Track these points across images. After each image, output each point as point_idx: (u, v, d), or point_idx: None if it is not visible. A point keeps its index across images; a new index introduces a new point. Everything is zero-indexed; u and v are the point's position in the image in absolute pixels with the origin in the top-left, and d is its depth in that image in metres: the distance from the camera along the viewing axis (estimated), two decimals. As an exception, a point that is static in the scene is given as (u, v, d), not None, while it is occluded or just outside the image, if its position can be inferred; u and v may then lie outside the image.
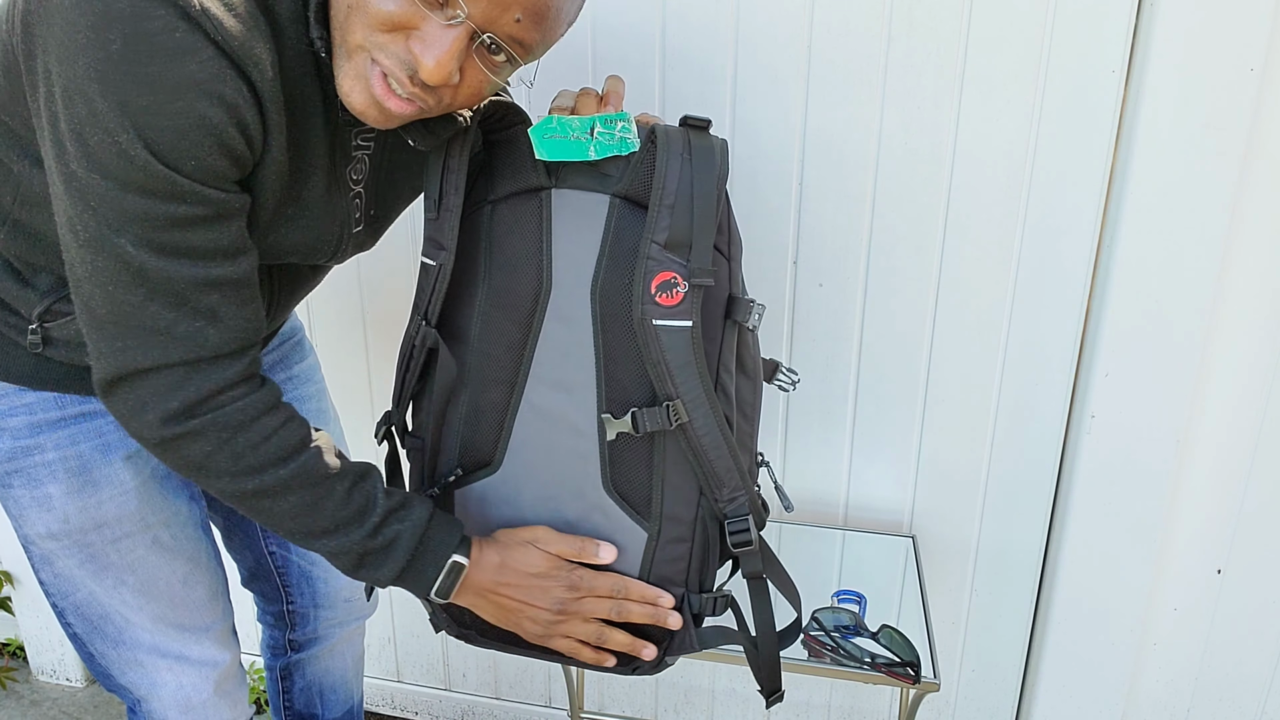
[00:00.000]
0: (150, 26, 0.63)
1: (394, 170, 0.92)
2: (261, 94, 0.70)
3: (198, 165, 0.68)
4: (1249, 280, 1.28)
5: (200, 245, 0.71)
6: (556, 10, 0.71)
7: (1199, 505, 1.40)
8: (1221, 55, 1.15)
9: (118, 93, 0.63)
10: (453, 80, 0.71)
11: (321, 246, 0.87)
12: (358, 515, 0.81)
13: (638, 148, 0.83)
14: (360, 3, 0.68)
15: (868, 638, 1.12)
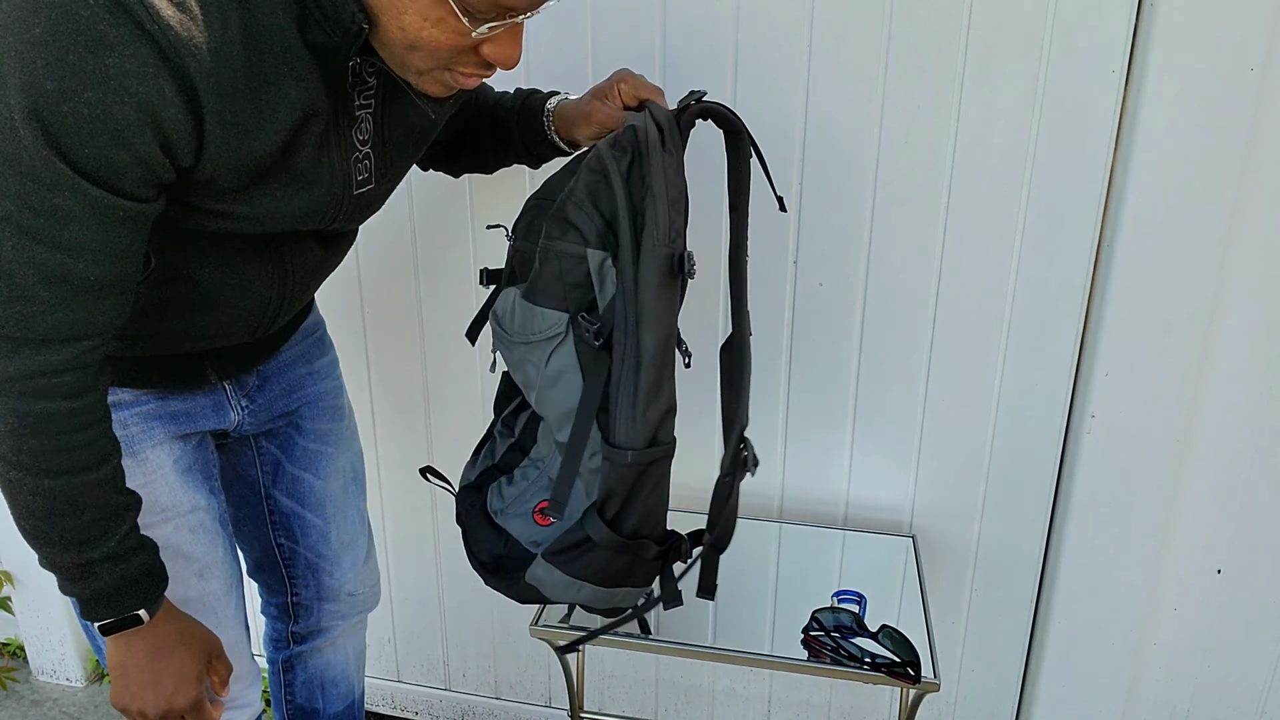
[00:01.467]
0: (79, 15, 0.62)
1: (395, 124, 0.91)
2: (198, 85, 0.68)
3: (94, 158, 0.66)
4: (1249, 280, 1.28)
5: (69, 240, 0.69)
6: None
7: (1199, 505, 1.40)
8: (1221, 55, 1.15)
9: (28, 73, 0.63)
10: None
11: (318, 211, 0.87)
12: (81, 543, 0.81)
13: None
14: (423, 44, 0.73)
15: (868, 638, 1.12)
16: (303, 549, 1.22)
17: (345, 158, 0.86)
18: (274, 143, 0.77)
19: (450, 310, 1.51)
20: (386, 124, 0.90)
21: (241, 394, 1.07)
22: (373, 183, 0.91)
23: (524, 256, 1.01)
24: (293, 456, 1.17)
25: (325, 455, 1.20)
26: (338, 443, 1.21)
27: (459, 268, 1.49)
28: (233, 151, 0.74)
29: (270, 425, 1.14)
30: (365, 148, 0.88)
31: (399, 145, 0.93)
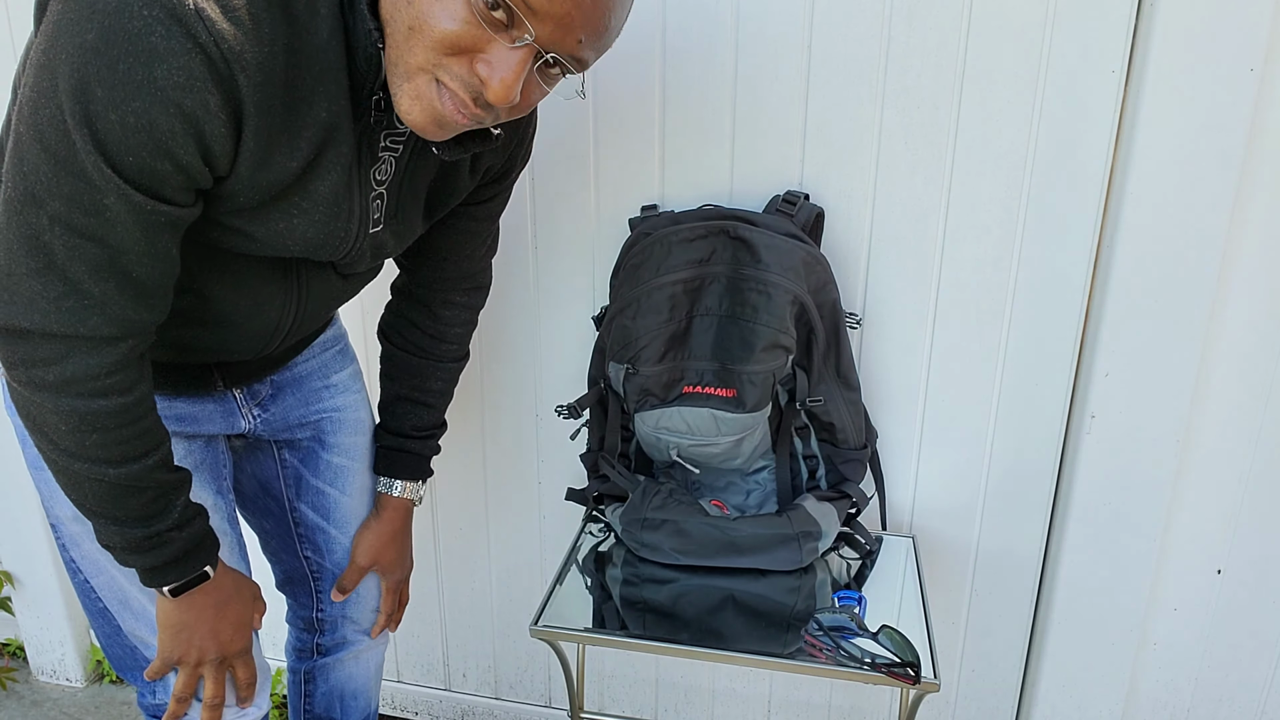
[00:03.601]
0: (131, 25, 0.63)
1: (418, 175, 0.91)
2: (244, 99, 0.69)
3: (136, 165, 0.68)
4: (1249, 280, 1.28)
5: (117, 240, 0.71)
6: (615, 26, 0.74)
7: (1199, 505, 1.40)
8: (1221, 55, 1.15)
9: (80, 78, 0.64)
10: (516, 100, 0.72)
11: (331, 243, 0.86)
12: (146, 518, 0.86)
13: None
14: (423, 25, 0.68)
15: (867, 638, 1.12)
16: (329, 564, 1.21)
17: (364, 195, 0.85)
18: (297, 163, 0.76)
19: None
20: (410, 173, 0.90)
21: (253, 402, 1.07)
22: (382, 224, 0.91)
23: None
24: (316, 470, 1.17)
25: (349, 470, 1.18)
26: (362, 457, 1.20)
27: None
28: (259, 166, 0.74)
29: (289, 435, 1.14)
30: (381, 188, 0.87)
31: (413, 197, 0.92)
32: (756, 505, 1.39)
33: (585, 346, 1.49)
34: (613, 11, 0.72)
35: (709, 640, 1.14)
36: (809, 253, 1.25)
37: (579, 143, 1.39)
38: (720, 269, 1.25)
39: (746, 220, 1.26)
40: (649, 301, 1.24)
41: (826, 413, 1.32)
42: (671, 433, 1.30)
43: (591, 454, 1.42)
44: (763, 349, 1.24)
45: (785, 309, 1.23)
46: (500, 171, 1.04)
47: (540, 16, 0.67)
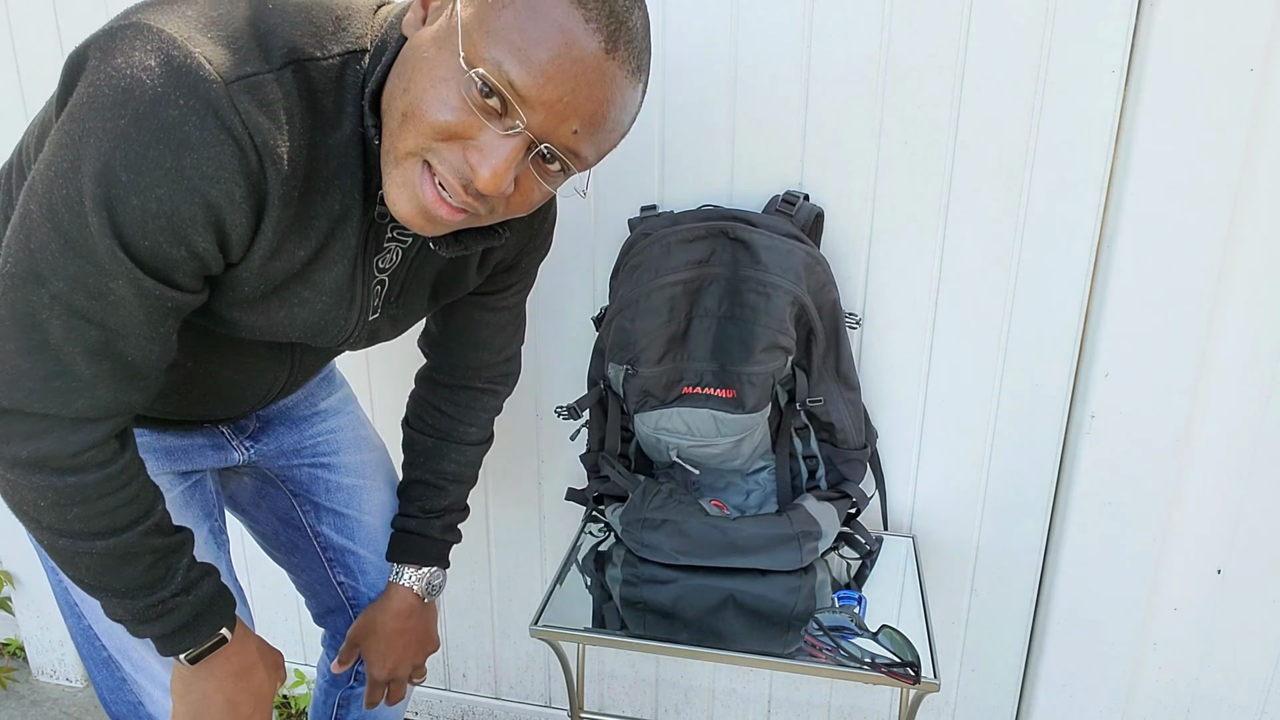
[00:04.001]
0: (166, 114, 0.62)
1: (423, 269, 0.90)
2: (269, 191, 0.68)
3: (151, 250, 0.66)
4: (1249, 280, 1.28)
5: (117, 323, 0.69)
6: (614, 121, 0.70)
7: (1199, 505, 1.40)
8: (1221, 55, 1.15)
9: (105, 162, 0.63)
10: (508, 190, 0.70)
11: (330, 330, 0.85)
12: (149, 586, 0.82)
13: None
14: (416, 111, 0.67)
15: (867, 638, 1.12)
16: (364, 587, 1.18)
17: (366, 283, 0.84)
18: (305, 252, 0.76)
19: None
20: (417, 264, 0.89)
21: (242, 435, 1.06)
22: (379, 311, 0.90)
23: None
24: (329, 494, 1.14)
25: (363, 489, 1.16)
26: (374, 475, 1.17)
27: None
28: (271, 256, 0.74)
29: (287, 464, 1.12)
30: (383, 275, 0.86)
31: (418, 286, 0.92)
32: (756, 505, 1.39)
33: (585, 347, 1.49)
34: (611, 104, 0.68)
35: (709, 640, 1.14)
36: (808, 253, 1.25)
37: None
38: (720, 270, 1.25)
39: (746, 221, 1.26)
40: (648, 302, 1.24)
41: (826, 413, 1.32)
42: (671, 433, 1.30)
43: (591, 454, 1.42)
44: (762, 350, 1.24)
45: (785, 310, 1.23)
46: (510, 264, 1.01)
47: (532, 104, 0.66)
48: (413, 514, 1.14)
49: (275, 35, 0.67)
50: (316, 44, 0.69)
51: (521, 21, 0.64)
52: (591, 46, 0.65)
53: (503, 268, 1.01)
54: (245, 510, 1.17)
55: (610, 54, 0.66)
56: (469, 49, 0.65)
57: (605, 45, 0.65)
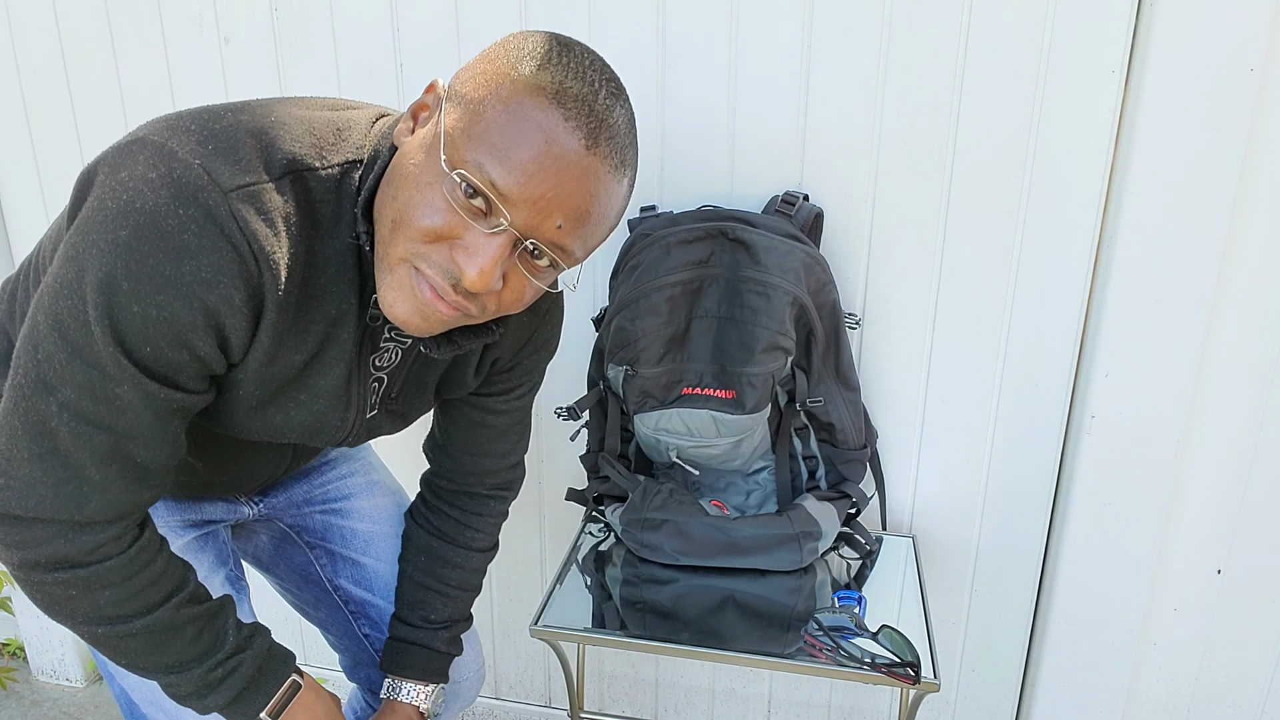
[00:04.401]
0: (166, 223, 0.64)
1: (424, 367, 0.91)
2: (266, 297, 0.70)
3: (154, 355, 0.68)
4: (1249, 280, 1.28)
5: (125, 427, 0.71)
6: (599, 215, 0.71)
7: (1199, 505, 1.40)
8: (1221, 55, 1.15)
9: (107, 272, 0.64)
10: (495, 287, 0.70)
11: (326, 431, 0.86)
12: (201, 655, 0.82)
13: None
14: (405, 217, 0.68)
15: (867, 638, 1.12)
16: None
17: (363, 382, 0.85)
18: (302, 356, 0.77)
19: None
20: (417, 364, 0.89)
21: (252, 491, 1.05)
22: (377, 409, 0.90)
23: None
24: (343, 542, 1.12)
25: (378, 536, 1.13)
26: (390, 520, 1.15)
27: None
28: (269, 360, 0.75)
29: (299, 515, 1.11)
30: (381, 373, 0.87)
31: (418, 385, 0.92)
32: (756, 505, 1.39)
33: (585, 347, 1.49)
34: (594, 199, 0.69)
35: (709, 640, 1.14)
36: (808, 254, 1.25)
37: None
38: (719, 271, 1.25)
39: (745, 221, 1.26)
40: (648, 303, 1.24)
41: (826, 413, 1.32)
42: (671, 434, 1.29)
43: (591, 455, 1.42)
44: (762, 350, 1.24)
45: (784, 310, 1.23)
46: (510, 364, 1.00)
47: (514, 202, 0.67)
48: (414, 623, 1.08)
49: (276, 147, 0.69)
50: (316, 155, 0.71)
51: (502, 124, 0.66)
52: (572, 144, 0.66)
53: (502, 368, 0.99)
54: (269, 568, 1.16)
55: (591, 150, 0.67)
56: (451, 152, 0.67)
57: (586, 142, 0.66)
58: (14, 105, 1.61)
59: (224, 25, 1.47)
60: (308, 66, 1.45)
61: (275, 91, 1.48)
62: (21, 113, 1.61)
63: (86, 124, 1.59)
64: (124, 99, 1.55)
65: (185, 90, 1.52)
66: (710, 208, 1.31)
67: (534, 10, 1.34)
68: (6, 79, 1.59)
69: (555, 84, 0.66)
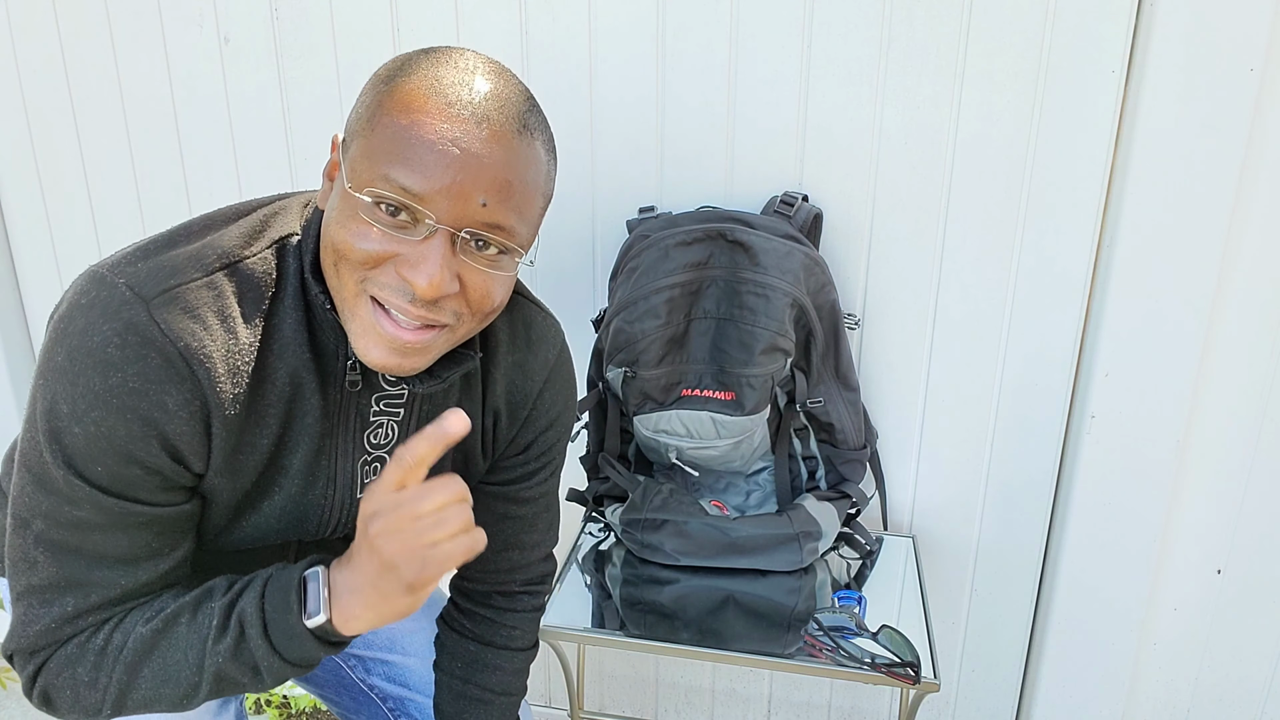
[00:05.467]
0: (91, 341, 0.66)
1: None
2: (207, 392, 0.70)
3: (106, 473, 0.68)
4: (1249, 280, 1.28)
5: (97, 546, 0.71)
6: (520, 181, 0.70)
7: (1199, 505, 1.40)
8: (1221, 55, 1.15)
9: (49, 400, 0.67)
10: (451, 289, 0.70)
11: (310, 515, 0.83)
12: (209, 637, 0.73)
13: None
14: (343, 253, 0.69)
15: (867, 638, 1.12)
16: None
17: (350, 460, 0.83)
18: (268, 438, 0.76)
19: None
20: (413, 433, 0.86)
21: None
22: None
23: None
24: (369, 644, 1.09)
25: (406, 632, 1.10)
26: (417, 617, 1.12)
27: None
28: (232, 450, 0.74)
29: None
30: (380, 451, 0.85)
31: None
32: (756, 506, 1.39)
33: (584, 349, 1.49)
34: (508, 165, 0.69)
35: (709, 640, 1.14)
36: (807, 254, 1.25)
37: (578, 144, 1.39)
38: (718, 272, 1.25)
39: (744, 223, 1.26)
40: (646, 304, 1.24)
41: (826, 414, 1.32)
42: (670, 435, 1.29)
43: (591, 456, 1.42)
44: (761, 352, 1.24)
45: (784, 311, 1.23)
46: (522, 441, 0.95)
47: (430, 198, 0.67)
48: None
49: (208, 247, 0.71)
50: (245, 245, 0.73)
51: (394, 134, 0.67)
52: (464, 124, 0.67)
53: (518, 449, 0.95)
54: (305, 679, 1.13)
55: (483, 123, 0.68)
56: (355, 179, 0.68)
57: (475, 118, 0.67)
58: (14, 105, 1.61)
59: (224, 25, 1.47)
60: (308, 66, 1.45)
61: (275, 91, 1.48)
62: (21, 113, 1.61)
63: (86, 124, 1.59)
64: (124, 99, 1.55)
65: (185, 90, 1.52)
66: (709, 208, 1.31)
67: (533, 10, 1.34)
68: (6, 79, 1.59)
69: (428, 80, 0.68)
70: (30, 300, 1.74)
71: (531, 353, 0.91)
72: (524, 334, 0.90)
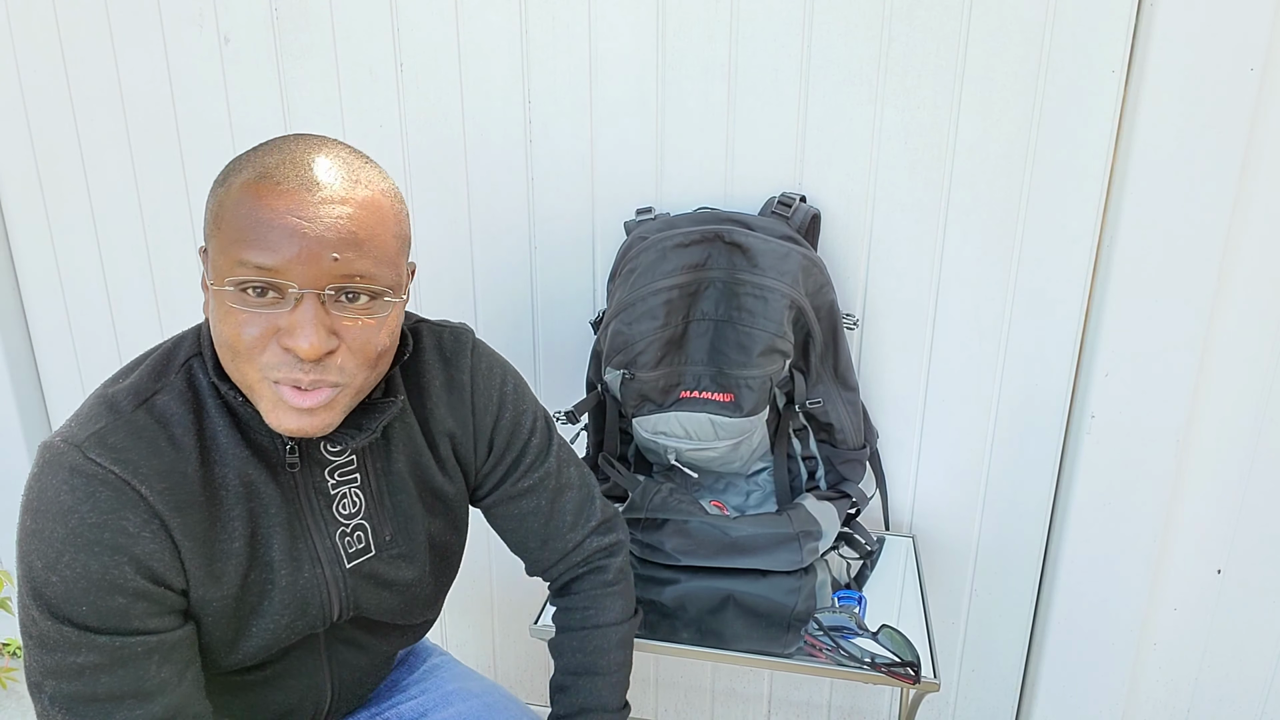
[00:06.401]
0: (46, 497, 0.71)
1: (396, 491, 0.90)
2: (159, 507, 0.74)
3: (91, 611, 0.72)
4: (1249, 280, 1.27)
5: (106, 691, 0.73)
6: (365, 230, 0.74)
7: (1199, 505, 1.40)
8: (1221, 55, 1.15)
9: (27, 562, 0.72)
10: (330, 345, 0.73)
11: (310, 600, 0.85)
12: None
13: None
14: (232, 346, 0.73)
15: (868, 638, 1.12)
16: None
17: (326, 534, 0.85)
18: (240, 539, 0.79)
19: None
20: (385, 493, 0.89)
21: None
22: (373, 550, 0.88)
23: None
24: (401, 713, 1.07)
25: (439, 689, 1.08)
26: (446, 674, 1.10)
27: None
28: (208, 559, 0.77)
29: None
30: (354, 520, 0.87)
31: (404, 518, 0.91)
32: (756, 507, 1.39)
33: (583, 350, 1.49)
34: (351, 219, 0.73)
35: (709, 640, 1.14)
36: (805, 255, 1.25)
37: (578, 145, 1.39)
38: (716, 274, 1.25)
39: (742, 224, 1.25)
40: (644, 307, 1.24)
41: (825, 414, 1.32)
42: (669, 437, 1.29)
43: (590, 457, 1.42)
44: (760, 353, 1.23)
45: (782, 313, 1.23)
46: (488, 441, 0.96)
47: (285, 268, 0.70)
48: (563, 713, 1.01)
49: (123, 394, 0.77)
50: (155, 379, 0.78)
51: (238, 224, 0.71)
52: (297, 196, 0.71)
53: (484, 450, 0.96)
54: None
55: (314, 189, 0.72)
56: (216, 275, 0.73)
57: (306, 185, 0.72)
58: (14, 105, 1.61)
59: (224, 25, 1.47)
60: (308, 66, 1.45)
61: (275, 91, 1.48)
62: (22, 113, 1.61)
63: (86, 124, 1.59)
64: (124, 99, 1.55)
65: (185, 90, 1.52)
66: (707, 210, 1.31)
67: (533, 10, 1.34)
68: (6, 79, 1.59)
69: (256, 168, 0.73)
70: (30, 300, 1.74)
71: (454, 365, 0.93)
72: (441, 353, 0.93)
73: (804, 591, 1.23)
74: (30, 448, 1.79)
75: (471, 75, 1.39)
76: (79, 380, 1.77)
